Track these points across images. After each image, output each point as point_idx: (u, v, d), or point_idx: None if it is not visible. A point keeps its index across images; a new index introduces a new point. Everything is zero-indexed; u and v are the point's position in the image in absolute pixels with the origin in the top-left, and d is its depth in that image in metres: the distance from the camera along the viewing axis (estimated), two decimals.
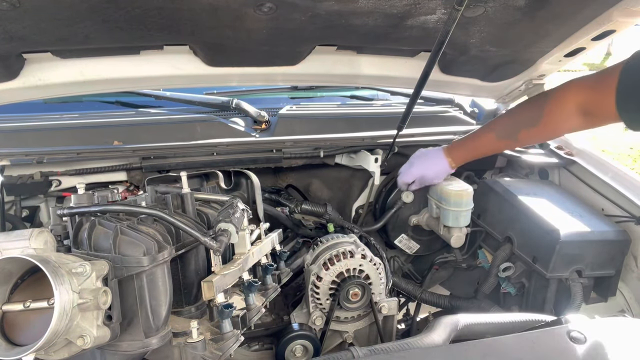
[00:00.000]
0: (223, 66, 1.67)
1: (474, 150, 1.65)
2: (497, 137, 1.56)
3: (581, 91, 1.35)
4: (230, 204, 1.27)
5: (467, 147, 1.65)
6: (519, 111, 1.52)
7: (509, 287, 1.71)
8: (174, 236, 1.15)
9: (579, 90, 1.36)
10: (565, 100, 1.39)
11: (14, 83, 1.51)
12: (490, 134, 1.58)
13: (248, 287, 1.24)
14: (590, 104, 1.31)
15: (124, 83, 1.67)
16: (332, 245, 1.60)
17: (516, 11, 1.36)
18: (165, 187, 1.40)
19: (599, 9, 1.42)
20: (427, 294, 1.92)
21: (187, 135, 1.78)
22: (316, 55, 1.69)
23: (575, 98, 1.37)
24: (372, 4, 1.25)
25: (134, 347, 0.99)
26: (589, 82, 1.34)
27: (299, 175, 2.07)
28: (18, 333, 0.88)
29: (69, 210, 1.07)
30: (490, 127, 1.60)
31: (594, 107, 1.29)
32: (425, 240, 2.04)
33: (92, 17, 1.20)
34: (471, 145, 1.65)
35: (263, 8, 1.22)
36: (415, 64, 1.77)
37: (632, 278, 1.62)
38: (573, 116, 1.37)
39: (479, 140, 1.62)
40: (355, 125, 1.96)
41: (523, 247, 1.65)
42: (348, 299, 1.54)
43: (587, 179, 1.82)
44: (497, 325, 1.18)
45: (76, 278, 0.88)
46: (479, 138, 1.62)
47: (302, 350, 1.49)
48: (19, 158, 1.57)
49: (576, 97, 1.37)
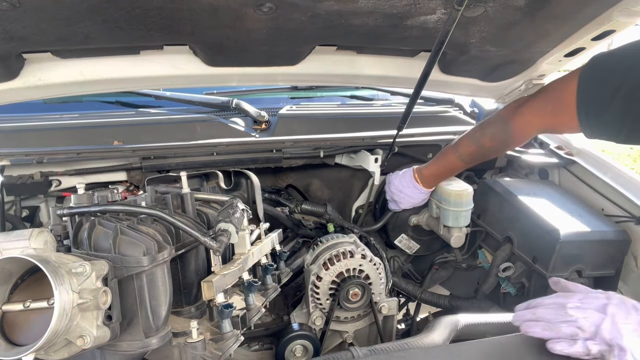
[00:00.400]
0: (223, 66, 1.66)
1: (446, 173, 1.76)
2: (463, 162, 1.67)
3: (541, 118, 1.42)
4: (230, 204, 1.27)
5: (439, 172, 1.75)
6: (484, 143, 1.57)
7: (509, 287, 1.71)
8: (173, 236, 1.15)
9: (538, 118, 1.42)
10: (528, 129, 1.49)
11: (14, 83, 1.51)
12: (460, 161, 1.66)
13: (248, 287, 1.24)
14: (552, 127, 1.39)
15: (124, 83, 1.67)
16: (332, 245, 1.60)
17: (516, 11, 1.36)
18: (165, 187, 1.40)
19: (599, 9, 1.42)
20: (427, 294, 1.92)
21: (187, 135, 1.78)
22: (316, 55, 1.69)
23: (536, 125, 1.46)
24: (372, 4, 1.25)
25: (133, 347, 0.99)
26: (546, 107, 1.38)
27: (299, 175, 2.07)
28: (18, 333, 0.87)
29: (68, 210, 1.07)
30: (458, 155, 1.65)
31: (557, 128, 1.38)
32: (425, 240, 2.05)
33: (92, 17, 1.20)
34: (443, 169, 1.74)
35: (263, 8, 1.22)
36: (415, 64, 1.77)
37: (632, 278, 1.62)
38: (534, 135, 1.51)
39: (449, 165, 1.71)
40: (355, 125, 1.96)
41: (523, 247, 1.65)
42: (348, 299, 1.54)
43: (587, 179, 1.82)
44: (497, 325, 1.18)
45: (76, 278, 0.88)
46: (449, 162, 1.70)
47: (302, 350, 1.49)
48: (19, 158, 1.57)
49: (538, 123, 1.44)
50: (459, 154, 1.64)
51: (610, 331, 0.91)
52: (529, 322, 0.99)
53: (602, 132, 1.25)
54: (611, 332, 0.91)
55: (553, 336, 0.95)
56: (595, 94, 1.21)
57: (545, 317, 0.98)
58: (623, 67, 1.16)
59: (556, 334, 0.95)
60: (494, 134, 1.54)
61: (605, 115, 1.20)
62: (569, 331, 0.94)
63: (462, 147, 1.63)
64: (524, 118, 1.46)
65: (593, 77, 1.23)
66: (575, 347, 0.93)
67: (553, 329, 0.95)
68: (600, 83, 1.21)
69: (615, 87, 1.16)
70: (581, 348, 0.92)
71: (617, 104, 1.16)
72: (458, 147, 1.64)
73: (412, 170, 1.79)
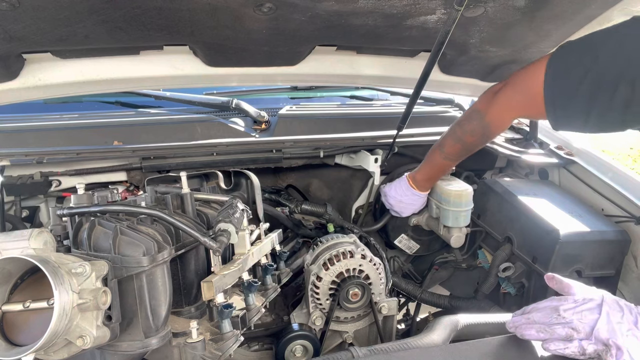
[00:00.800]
0: (223, 66, 1.67)
1: (438, 173, 1.78)
2: (452, 161, 1.71)
3: (513, 110, 1.47)
4: (230, 204, 1.27)
5: (431, 174, 1.78)
6: (466, 141, 1.60)
7: (508, 287, 1.71)
8: (173, 236, 1.15)
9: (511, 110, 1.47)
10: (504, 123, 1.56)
11: (14, 83, 1.51)
12: (447, 160, 1.69)
13: (248, 287, 1.24)
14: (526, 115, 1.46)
15: (123, 83, 1.67)
16: (332, 245, 1.60)
17: (516, 11, 1.36)
18: (165, 187, 1.40)
19: (599, 9, 1.42)
20: (427, 294, 1.92)
21: (187, 135, 1.78)
22: (316, 56, 1.70)
23: (510, 115, 1.51)
24: (372, 4, 1.25)
25: (133, 347, 0.99)
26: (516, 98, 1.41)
27: (299, 175, 2.07)
28: (18, 333, 0.88)
29: (68, 210, 1.07)
30: (445, 155, 1.67)
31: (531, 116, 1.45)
32: (425, 240, 2.05)
33: (91, 17, 1.20)
34: (434, 171, 1.76)
35: (263, 8, 1.22)
36: (415, 64, 1.77)
37: (632, 278, 1.62)
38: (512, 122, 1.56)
39: (439, 166, 1.74)
40: (355, 125, 1.97)
41: (523, 247, 1.65)
42: (348, 299, 1.54)
43: (587, 179, 1.82)
44: (497, 325, 1.18)
45: (76, 278, 0.88)
46: (438, 163, 1.73)
47: (302, 350, 1.49)
48: (19, 158, 1.57)
49: (511, 114, 1.51)
50: (445, 154, 1.67)
51: (607, 331, 0.91)
52: (524, 325, 0.99)
53: (568, 124, 1.27)
54: (608, 331, 0.91)
55: (548, 338, 0.95)
56: (562, 87, 1.22)
57: (539, 320, 0.98)
58: (588, 57, 1.16)
59: (551, 335, 0.95)
60: (473, 129, 1.57)
61: (571, 108, 1.22)
62: (563, 332, 0.94)
63: (447, 148, 1.65)
64: (498, 110, 1.49)
65: (559, 70, 1.23)
66: (570, 346, 0.93)
67: (548, 331, 0.95)
68: (566, 75, 1.22)
69: (580, 79, 1.16)
70: (576, 348, 0.92)
71: (582, 95, 1.17)
72: (443, 148, 1.67)
73: (406, 178, 1.80)
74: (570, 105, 1.22)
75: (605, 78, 1.13)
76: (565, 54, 1.24)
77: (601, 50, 1.15)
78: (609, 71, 1.12)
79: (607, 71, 1.13)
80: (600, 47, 1.16)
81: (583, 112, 1.19)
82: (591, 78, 1.15)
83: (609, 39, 1.15)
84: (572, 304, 0.97)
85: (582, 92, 1.16)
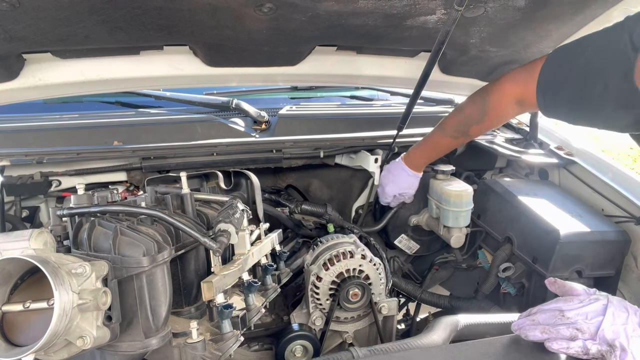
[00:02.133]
0: (223, 66, 1.66)
1: (432, 152, 1.76)
2: (450, 137, 1.67)
3: (514, 86, 1.47)
4: (230, 204, 1.27)
5: (425, 151, 1.76)
6: (464, 110, 1.62)
7: (508, 287, 1.71)
8: (173, 237, 1.15)
9: (513, 85, 1.48)
10: (503, 96, 1.53)
11: (14, 83, 1.51)
12: (444, 136, 1.68)
13: (248, 288, 1.24)
14: (522, 95, 1.45)
15: (124, 83, 1.67)
16: (332, 245, 1.60)
17: (516, 11, 1.36)
18: (165, 188, 1.40)
19: (599, 9, 1.42)
20: (427, 294, 1.92)
21: (187, 135, 1.78)
22: (316, 56, 1.69)
23: (510, 92, 1.49)
24: (372, 4, 1.25)
25: (133, 348, 0.99)
26: (520, 76, 1.45)
27: (299, 175, 2.07)
28: (18, 333, 0.87)
29: (68, 210, 1.07)
30: (442, 129, 1.68)
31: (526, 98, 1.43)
32: (425, 240, 2.05)
33: (92, 17, 1.20)
34: (428, 148, 1.75)
35: (263, 8, 1.22)
36: (415, 64, 1.77)
37: (632, 278, 1.62)
38: (511, 107, 1.52)
39: (434, 143, 1.73)
40: (355, 126, 1.96)
41: (523, 247, 1.65)
42: (348, 299, 1.54)
43: (587, 179, 1.82)
44: (497, 325, 1.18)
45: (76, 279, 0.88)
46: (434, 141, 1.72)
47: (302, 350, 1.49)
48: (19, 158, 1.57)
49: (511, 91, 1.49)
50: (441, 128, 1.67)
51: (612, 332, 0.91)
52: (529, 326, 0.99)
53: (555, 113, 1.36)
54: (613, 332, 0.91)
55: (552, 338, 0.95)
56: (553, 79, 1.30)
57: (544, 321, 0.98)
58: (581, 58, 1.23)
59: (555, 336, 0.95)
60: (473, 98, 1.58)
61: (557, 99, 1.31)
62: (568, 333, 0.94)
63: (445, 121, 1.67)
64: (500, 85, 1.51)
65: (554, 64, 1.31)
66: (574, 346, 0.93)
67: (552, 332, 0.95)
68: (558, 69, 1.29)
69: (567, 75, 1.24)
70: (580, 347, 0.93)
71: (568, 90, 1.25)
72: (441, 123, 1.68)
73: (401, 155, 1.81)
74: (557, 98, 1.31)
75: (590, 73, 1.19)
76: (562, 49, 1.32)
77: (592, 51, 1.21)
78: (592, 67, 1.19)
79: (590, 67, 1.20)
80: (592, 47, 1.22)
81: (569, 103, 1.28)
82: (577, 75, 1.22)
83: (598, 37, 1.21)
84: (577, 304, 0.98)
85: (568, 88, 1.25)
